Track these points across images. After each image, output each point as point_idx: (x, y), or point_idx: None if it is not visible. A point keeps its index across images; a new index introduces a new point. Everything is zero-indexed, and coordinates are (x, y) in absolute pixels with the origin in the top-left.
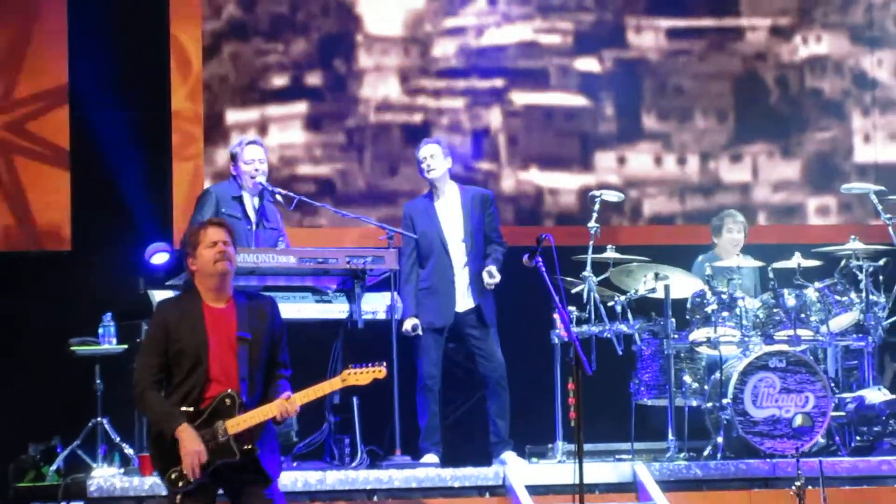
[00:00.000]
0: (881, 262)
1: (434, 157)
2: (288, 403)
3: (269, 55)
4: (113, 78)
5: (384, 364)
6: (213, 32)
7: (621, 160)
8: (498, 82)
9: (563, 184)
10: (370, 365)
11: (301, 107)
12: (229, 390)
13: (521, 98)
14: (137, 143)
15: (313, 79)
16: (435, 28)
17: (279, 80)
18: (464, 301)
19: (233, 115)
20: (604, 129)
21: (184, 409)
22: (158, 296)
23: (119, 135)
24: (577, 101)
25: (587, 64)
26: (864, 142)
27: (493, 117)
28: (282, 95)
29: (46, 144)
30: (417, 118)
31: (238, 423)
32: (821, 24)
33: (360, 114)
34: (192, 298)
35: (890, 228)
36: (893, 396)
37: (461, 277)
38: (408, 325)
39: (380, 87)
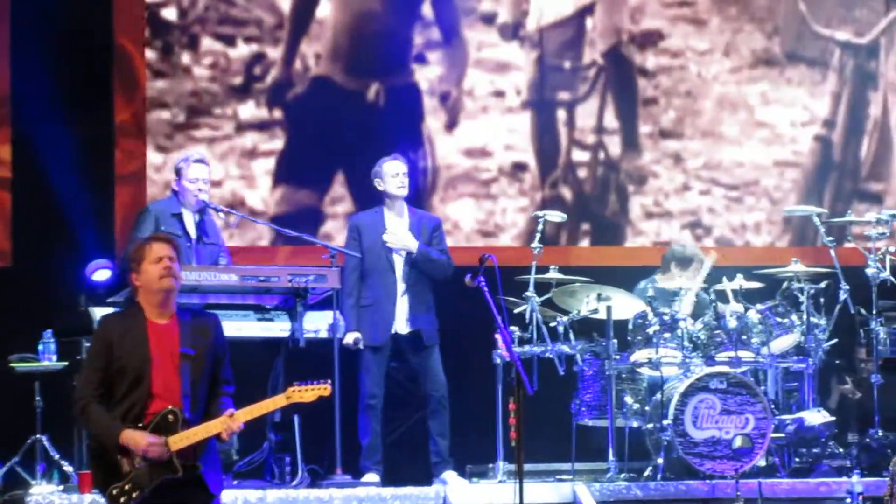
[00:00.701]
0: (822, 285)
1: (406, 175)
2: (231, 420)
3: (208, 81)
4: (56, 92)
5: (329, 382)
6: (157, 53)
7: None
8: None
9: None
10: (315, 382)
11: (236, 132)
12: (172, 406)
13: (459, 129)
14: (80, 158)
15: (249, 107)
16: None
17: (217, 107)
18: (404, 322)
19: (174, 136)
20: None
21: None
22: (99, 312)
23: (62, 149)
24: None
25: None
26: None
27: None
28: (218, 121)
29: None
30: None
31: (181, 440)
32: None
33: (293, 138)
34: (136, 314)
35: (832, 251)
36: (833, 418)
37: (403, 297)
38: (349, 338)
39: (315, 115)
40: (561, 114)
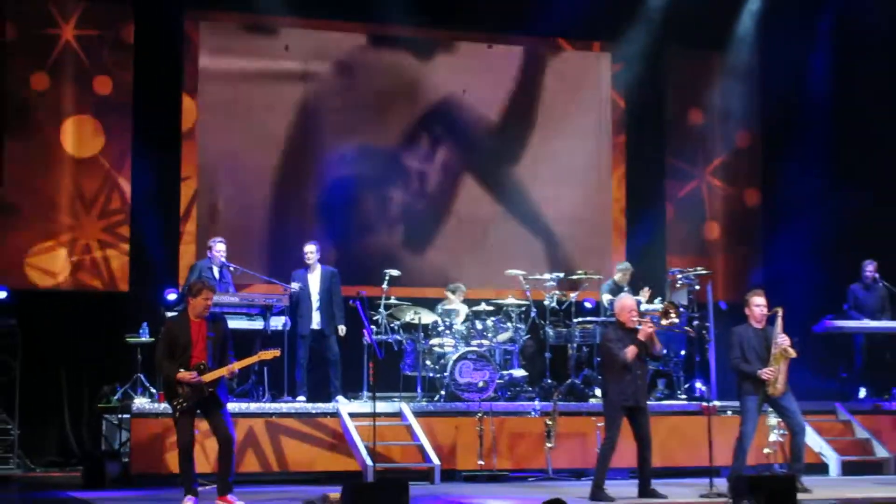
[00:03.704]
0: (523, 308)
1: (314, 253)
2: (235, 366)
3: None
4: (158, 196)
5: (279, 349)
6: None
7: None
8: None
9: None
10: (272, 349)
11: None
12: (203, 361)
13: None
14: (163, 239)
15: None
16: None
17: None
18: (317, 323)
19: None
20: None
21: (180, 370)
22: (170, 314)
23: (155, 235)
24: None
25: None
26: None
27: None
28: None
29: (119, 242)
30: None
31: (209, 376)
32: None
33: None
34: (184, 316)
35: (528, 292)
36: (526, 373)
37: (316, 311)
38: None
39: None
40: None
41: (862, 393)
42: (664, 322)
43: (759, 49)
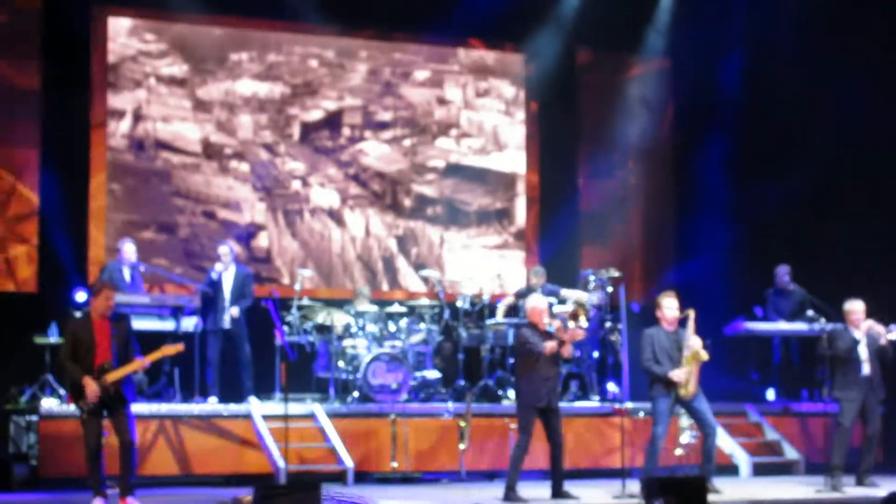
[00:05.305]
0: (436, 310)
1: (227, 255)
2: (143, 362)
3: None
4: (67, 196)
5: (182, 343)
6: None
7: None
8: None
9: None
10: (175, 343)
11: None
12: (107, 361)
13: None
14: (72, 239)
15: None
16: None
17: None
18: (228, 322)
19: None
20: None
21: (84, 373)
22: (79, 315)
23: (63, 238)
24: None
25: None
26: None
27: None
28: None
29: (29, 244)
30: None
31: (112, 376)
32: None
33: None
34: (87, 316)
35: (441, 294)
36: (440, 375)
37: (227, 311)
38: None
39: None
40: None
41: (770, 394)
42: (572, 324)
43: (671, 49)
